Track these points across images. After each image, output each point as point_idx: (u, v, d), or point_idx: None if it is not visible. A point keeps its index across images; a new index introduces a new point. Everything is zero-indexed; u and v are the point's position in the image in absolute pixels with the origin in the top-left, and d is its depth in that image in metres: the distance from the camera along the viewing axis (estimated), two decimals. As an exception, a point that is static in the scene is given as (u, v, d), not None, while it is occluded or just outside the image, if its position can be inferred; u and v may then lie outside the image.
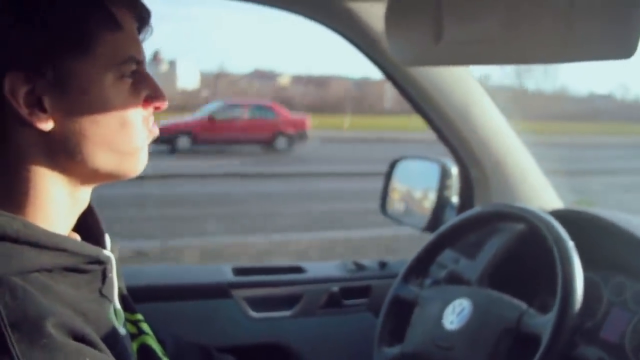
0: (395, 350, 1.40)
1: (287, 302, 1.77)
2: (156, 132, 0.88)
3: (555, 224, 1.25)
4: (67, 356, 0.68)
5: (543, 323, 1.16)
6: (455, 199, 1.87)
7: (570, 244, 1.20)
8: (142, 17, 0.85)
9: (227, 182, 11.77)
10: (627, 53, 0.74)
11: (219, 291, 1.69)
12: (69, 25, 0.76)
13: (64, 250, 0.76)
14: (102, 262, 0.83)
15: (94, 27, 0.77)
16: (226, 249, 6.70)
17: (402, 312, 1.46)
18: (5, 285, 0.69)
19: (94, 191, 0.89)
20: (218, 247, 6.79)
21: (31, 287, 0.70)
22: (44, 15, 0.74)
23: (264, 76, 40.99)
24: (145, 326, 0.98)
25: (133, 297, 1.00)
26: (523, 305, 1.22)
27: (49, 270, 0.74)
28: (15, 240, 0.71)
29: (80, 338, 0.71)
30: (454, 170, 1.85)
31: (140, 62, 0.83)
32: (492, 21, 0.90)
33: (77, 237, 0.88)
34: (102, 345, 0.75)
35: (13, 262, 0.71)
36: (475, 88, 1.65)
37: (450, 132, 1.70)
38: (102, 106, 0.79)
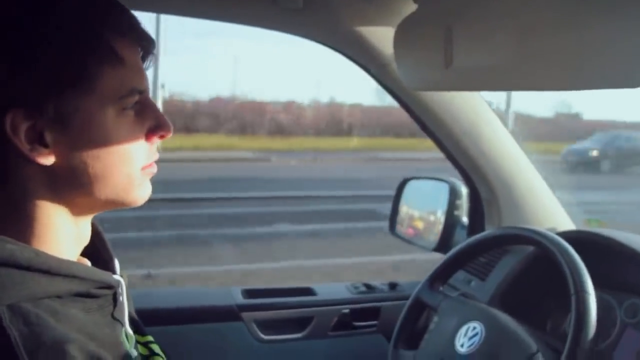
0: (409, 355, 1.40)
1: (298, 324, 1.77)
2: (156, 157, 0.87)
3: (567, 246, 1.24)
4: None
5: None
6: (465, 219, 1.87)
7: (585, 271, 1.19)
8: (146, 46, 0.85)
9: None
10: (636, 82, 0.74)
11: (229, 314, 1.69)
12: (69, 63, 0.75)
13: (74, 276, 0.76)
14: (112, 287, 0.83)
15: (95, 64, 0.77)
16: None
17: (421, 317, 1.47)
18: (17, 312, 0.69)
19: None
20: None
21: (43, 313, 0.71)
22: (44, 53, 0.74)
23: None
24: (156, 347, 0.98)
25: (143, 320, 1.01)
26: (533, 348, 1.19)
27: (59, 297, 0.75)
28: (27, 268, 0.72)
29: None
30: (464, 190, 1.84)
31: (143, 92, 0.83)
32: (502, 48, 0.90)
33: (87, 262, 0.89)
34: None
35: (24, 289, 0.71)
36: (484, 109, 1.65)
37: (459, 153, 1.71)
38: (104, 140, 0.79)
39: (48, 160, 0.77)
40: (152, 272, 5.78)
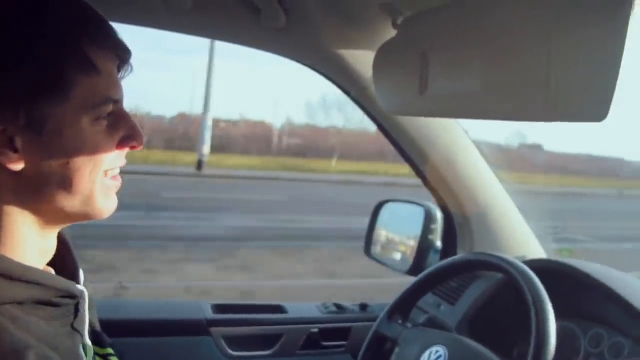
0: None
1: (267, 341, 1.77)
2: (122, 163, 0.87)
3: (531, 275, 1.26)
4: None
5: None
6: (439, 244, 1.88)
7: (546, 301, 1.21)
8: (122, 57, 0.85)
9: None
10: (601, 116, 0.76)
11: (198, 328, 1.69)
12: (44, 70, 0.75)
13: (37, 283, 0.76)
14: (75, 297, 0.83)
15: (70, 72, 0.77)
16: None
17: (382, 350, 1.47)
18: None
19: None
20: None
21: (3, 319, 0.71)
22: (19, 60, 0.74)
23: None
24: None
25: (110, 331, 1.00)
26: None
27: (20, 303, 0.74)
28: None
29: None
30: (439, 214, 1.86)
31: (117, 102, 0.83)
32: (473, 76, 0.92)
33: (52, 271, 0.88)
34: None
35: None
36: (461, 136, 1.67)
37: (435, 178, 1.72)
38: (75, 149, 0.79)
39: (17, 166, 0.76)
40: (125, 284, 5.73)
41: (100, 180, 0.83)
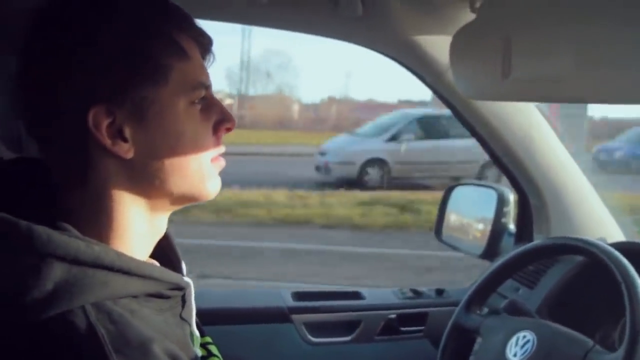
0: None
1: (346, 327, 1.79)
2: (222, 149, 0.90)
3: (619, 256, 1.24)
4: None
5: None
6: (512, 227, 1.87)
7: (637, 278, 1.19)
8: (205, 45, 0.88)
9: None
10: None
11: (279, 316, 1.72)
12: (144, 57, 0.78)
13: (150, 277, 0.79)
14: (182, 288, 0.86)
15: (166, 57, 0.80)
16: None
17: (462, 341, 1.46)
18: (103, 310, 0.72)
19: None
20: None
21: (123, 311, 0.74)
22: (122, 50, 0.77)
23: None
24: (214, 349, 1.00)
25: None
26: (589, 342, 1.20)
27: (135, 297, 0.77)
28: (110, 269, 0.74)
29: (173, 359, 0.74)
30: (512, 197, 1.84)
31: (208, 88, 0.86)
32: (562, 59, 0.90)
33: (156, 263, 0.91)
34: None
35: (109, 288, 0.74)
36: (536, 117, 1.65)
37: (510, 161, 1.71)
38: (177, 132, 0.82)
39: (128, 154, 0.79)
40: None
41: (207, 163, 0.86)
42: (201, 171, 0.85)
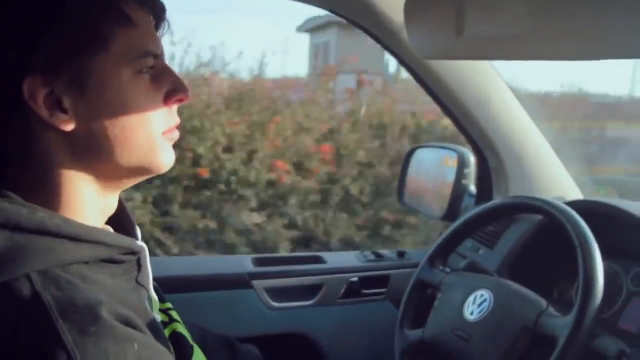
0: (416, 333, 1.41)
1: (307, 292, 1.79)
2: (177, 121, 0.88)
3: (575, 215, 1.25)
4: (117, 340, 0.69)
5: (561, 325, 1.15)
6: (472, 188, 1.87)
7: (593, 241, 1.20)
8: (157, 13, 0.85)
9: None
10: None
11: (240, 281, 1.71)
12: (81, 25, 0.76)
13: (100, 242, 0.78)
14: (136, 253, 0.85)
15: (106, 25, 0.77)
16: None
17: (424, 296, 1.48)
18: (49, 277, 0.71)
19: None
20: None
21: (72, 278, 0.72)
22: (55, 17, 0.75)
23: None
24: (174, 314, 1.00)
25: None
26: (543, 304, 1.21)
27: (86, 263, 0.76)
28: (56, 235, 0.73)
29: (126, 323, 0.73)
30: (472, 158, 1.84)
31: (158, 56, 0.84)
32: (515, 16, 0.89)
33: (110, 229, 0.90)
34: (147, 330, 0.77)
35: (55, 255, 0.72)
36: (495, 78, 1.65)
37: (468, 122, 1.70)
38: (120, 103, 0.79)
39: (68, 126, 0.77)
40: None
41: (158, 135, 0.84)
42: (150, 143, 0.83)
